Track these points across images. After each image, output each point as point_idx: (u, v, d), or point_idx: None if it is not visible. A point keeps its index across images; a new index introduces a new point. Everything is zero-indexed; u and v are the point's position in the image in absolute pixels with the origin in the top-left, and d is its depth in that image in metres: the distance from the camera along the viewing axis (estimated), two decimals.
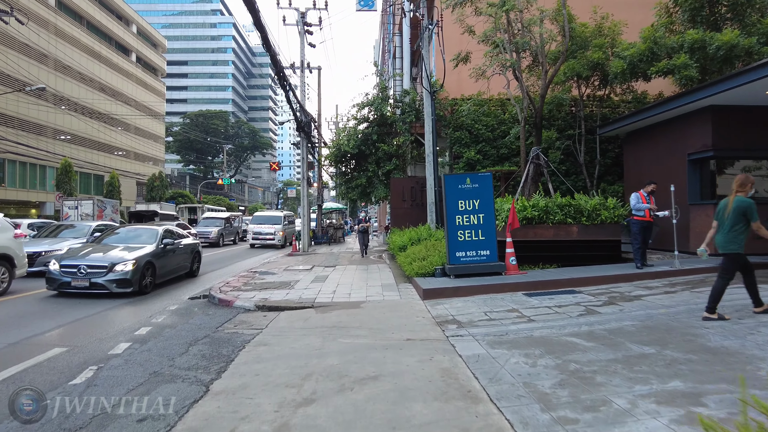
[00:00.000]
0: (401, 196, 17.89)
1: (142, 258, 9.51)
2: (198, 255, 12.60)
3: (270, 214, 26.10)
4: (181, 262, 11.54)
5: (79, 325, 6.95)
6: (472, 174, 9.63)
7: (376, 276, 11.04)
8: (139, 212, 26.22)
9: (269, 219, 25.05)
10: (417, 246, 12.14)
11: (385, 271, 11.84)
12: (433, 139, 15.74)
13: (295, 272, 12.06)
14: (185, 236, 12.39)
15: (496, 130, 18.14)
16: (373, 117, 18.82)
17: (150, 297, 9.36)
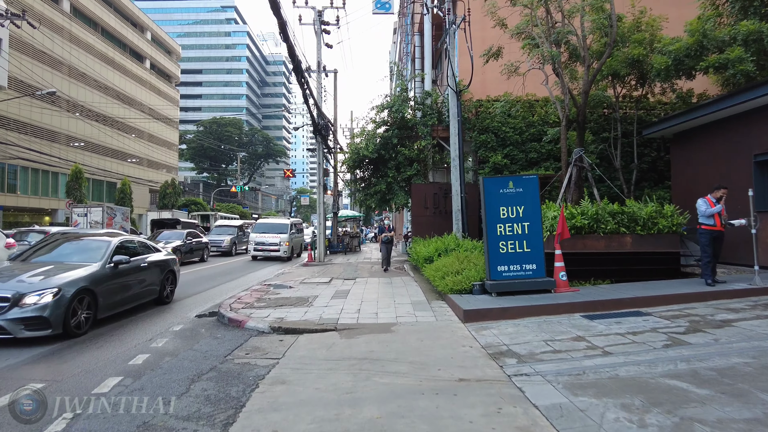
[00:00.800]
0: (423, 203, 16.81)
1: (72, 284, 6.55)
2: (172, 275, 9.58)
3: (275, 222, 22.67)
4: (144, 286, 8.46)
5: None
6: (515, 177, 8.52)
7: (403, 291, 9.94)
8: (162, 220, 26.73)
9: (274, 227, 21.54)
10: (446, 258, 11.03)
11: (412, 286, 10.74)
12: (459, 142, 14.67)
13: (313, 286, 11.02)
14: (154, 250, 9.36)
15: (525, 133, 17.02)
16: (392, 120, 17.80)
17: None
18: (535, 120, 17.16)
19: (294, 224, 23.04)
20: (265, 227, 21.69)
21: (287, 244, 20.53)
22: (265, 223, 22.43)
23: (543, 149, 16.77)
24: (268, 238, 20.45)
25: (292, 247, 21.56)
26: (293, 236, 21.95)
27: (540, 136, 16.87)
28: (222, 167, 72.90)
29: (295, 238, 22.27)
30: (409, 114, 18.50)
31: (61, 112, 35.20)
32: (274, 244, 20.29)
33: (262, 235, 20.81)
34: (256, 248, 20.48)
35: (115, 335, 6.77)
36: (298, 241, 23.03)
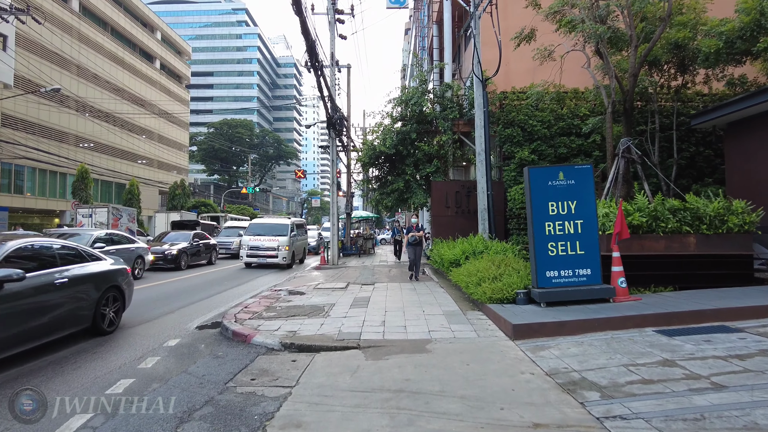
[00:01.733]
0: (444, 202, 15.67)
1: None
2: (118, 293, 6.93)
3: (273, 222, 18.76)
4: (62, 312, 5.71)
5: None
6: (566, 166, 7.34)
7: (430, 299, 8.78)
8: (182, 222, 26.93)
9: (271, 228, 17.79)
10: (476, 261, 9.88)
11: (439, 293, 9.58)
12: (486, 135, 13.51)
13: (328, 292, 9.92)
14: (90, 258, 6.67)
15: (554, 127, 15.78)
16: (411, 114, 16.69)
17: None
18: (565, 113, 15.93)
19: (296, 225, 19.06)
20: (261, 228, 17.86)
21: (287, 249, 16.93)
22: (260, 224, 18.51)
23: (573, 144, 15.55)
24: (264, 241, 16.90)
25: (293, 252, 17.84)
26: (295, 239, 18.16)
27: (570, 130, 15.67)
28: (233, 169, 72.33)
29: (297, 242, 18.60)
30: (428, 108, 17.39)
31: (70, 112, 34.63)
32: (271, 249, 16.73)
33: (256, 237, 17.10)
34: (249, 254, 16.75)
35: (98, 352, 5.72)
36: (300, 245, 19.36)
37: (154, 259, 15.24)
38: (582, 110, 15.78)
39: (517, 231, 14.56)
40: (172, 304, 9.17)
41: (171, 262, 15.58)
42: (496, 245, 11.59)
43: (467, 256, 11.09)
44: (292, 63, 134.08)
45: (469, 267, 9.72)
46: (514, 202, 14.74)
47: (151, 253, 15.51)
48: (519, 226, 14.46)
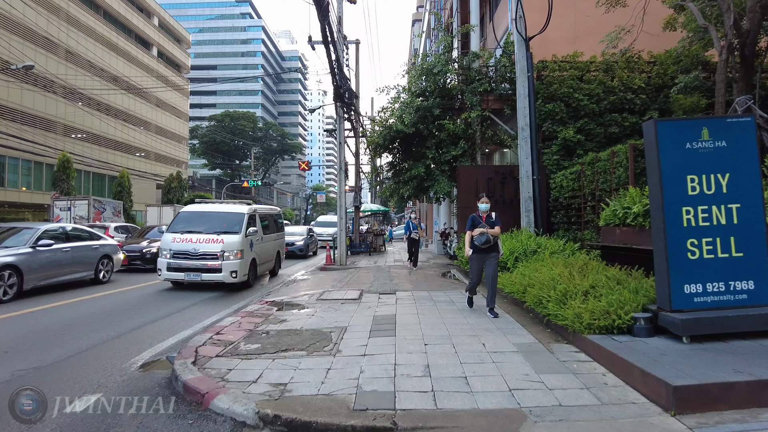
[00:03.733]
0: (473, 191, 13.04)
1: None
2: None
3: (216, 211, 11.08)
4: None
5: None
6: (713, 119, 4.80)
7: (483, 320, 6.22)
8: None
9: (213, 220, 10.50)
10: (535, 264, 7.37)
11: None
12: (531, 105, 10.95)
13: (336, 305, 7.39)
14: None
15: (603, 102, 13.13)
16: (433, 86, 14.10)
17: None
18: (615, 85, 13.27)
19: (258, 216, 11.38)
20: (195, 220, 10.51)
21: (238, 256, 9.73)
22: (194, 213, 10.92)
23: (626, 122, 12.95)
24: (199, 244, 9.71)
25: (253, 261, 10.51)
26: (258, 240, 10.94)
27: (622, 106, 13.07)
28: (235, 163, 69.94)
29: (261, 244, 11.22)
30: (453, 81, 14.82)
31: (57, 98, 32.25)
32: (211, 254, 9.61)
33: (185, 237, 9.88)
34: (171, 265, 9.66)
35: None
36: (269, 249, 11.95)
37: (127, 258, 12.82)
38: (636, 82, 13.15)
39: (565, 225, 11.96)
40: (128, 322, 6.69)
41: (150, 261, 13.11)
42: (552, 243, 9.06)
43: (517, 257, 8.55)
44: (296, 57, 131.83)
45: (525, 272, 7.20)
46: (560, 190, 12.14)
47: (126, 251, 13.09)
48: (568, 220, 11.86)
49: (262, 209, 12.33)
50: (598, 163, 9.98)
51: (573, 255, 8.09)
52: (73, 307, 7.95)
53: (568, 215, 11.77)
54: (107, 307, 7.89)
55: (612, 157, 9.48)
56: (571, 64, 13.59)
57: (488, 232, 6.39)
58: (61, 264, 9.52)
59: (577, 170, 11.25)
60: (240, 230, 10.09)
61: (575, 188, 11.25)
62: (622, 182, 9.04)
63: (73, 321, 6.82)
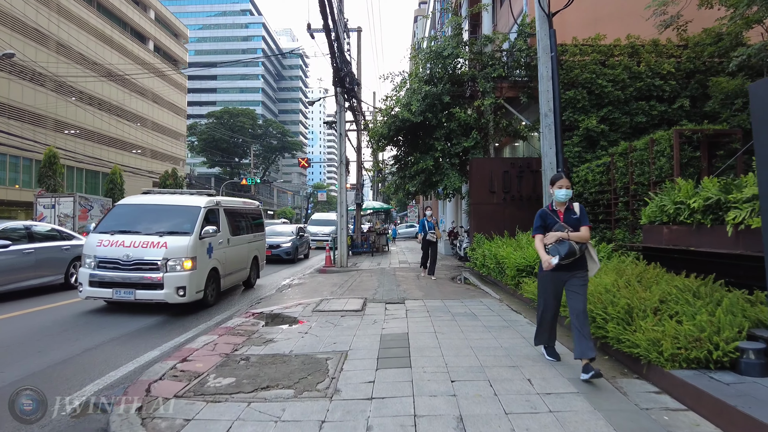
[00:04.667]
0: (487, 186, 11.90)
1: None
2: None
3: (162, 203, 8.17)
4: None
5: None
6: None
7: (519, 341, 5.01)
8: None
9: (157, 217, 7.76)
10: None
11: (523, 325, 5.80)
12: (555, 89, 9.72)
13: (335, 319, 6.19)
14: None
15: (629, 88, 11.92)
16: (442, 72, 12.89)
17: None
18: (642, 70, 12.05)
19: (221, 211, 8.57)
20: (134, 216, 7.88)
21: (187, 265, 7.08)
22: (134, 206, 8.24)
23: (655, 111, 11.78)
24: (133, 249, 7.05)
25: (213, 272, 7.92)
26: (217, 243, 8.12)
27: (650, 93, 11.89)
28: (235, 161, 68.71)
29: (227, 248, 8.58)
30: (464, 66, 13.61)
31: (48, 92, 31.04)
32: (147, 265, 6.96)
33: (116, 239, 7.21)
34: (95, 277, 7.04)
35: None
36: (239, 254, 9.34)
37: None
38: (665, 67, 11.94)
39: (592, 222, 10.73)
40: (87, 338, 5.52)
41: None
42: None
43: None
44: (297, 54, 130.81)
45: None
46: (585, 184, 10.94)
47: None
48: (594, 218, 10.65)
49: (229, 202, 9.51)
50: (633, 153, 8.78)
51: (610, 258, 6.91)
52: (28, 319, 6.77)
53: (594, 213, 10.56)
54: (67, 320, 6.71)
55: (651, 145, 8.28)
56: (593, 48, 12.42)
57: (570, 237, 3.80)
58: (23, 267, 8.34)
59: (605, 162, 10.05)
60: (192, 230, 7.28)
61: (603, 182, 10.07)
62: (664, 174, 7.85)
63: (23, 338, 5.64)
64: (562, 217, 3.95)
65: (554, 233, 3.91)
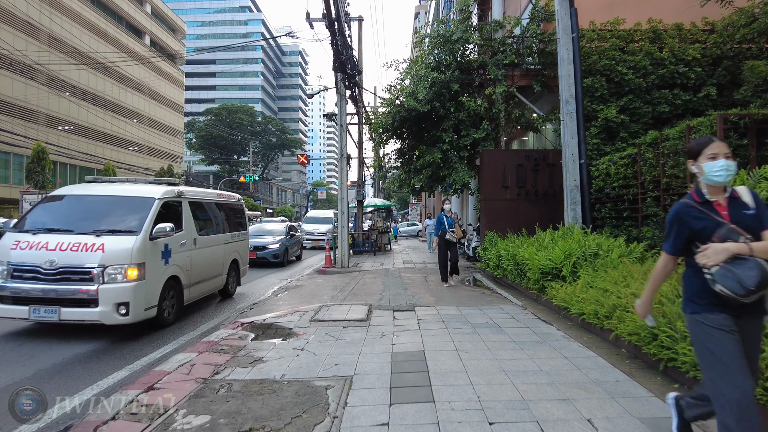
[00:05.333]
0: (500, 180, 11.04)
1: None
2: None
3: (105, 194, 6.43)
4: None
5: None
6: None
7: (559, 364, 4.15)
8: None
9: (96, 211, 6.10)
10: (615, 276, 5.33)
11: (557, 339, 4.93)
12: (577, 73, 8.89)
13: (336, 331, 5.34)
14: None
15: (651, 76, 11.04)
16: (450, 58, 12.01)
17: None
18: (665, 56, 11.17)
19: (186, 204, 6.88)
20: (68, 210, 6.27)
21: (131, 274, 5.46)
22: (70, 197, 6.47)
23: (678, 100, 10.92)
24: (60, 253, 5.36)
25: (172, 281, 6.23)
26: (178, 244, 6.42)
27: (673, 81, 11.02)
28: (233, 158, 67.78)
29: (193, 251, 6.91)
30: (473, 52, 12.74)
31: (39, 86, 30.14)
32: (77, 273, 5.34)
33: (37, 240, 5.52)
34: (5, 290, 5.39)
35: None
36: (213, 258, 7.68)
37: None
38: (690, 53, 11.07)
39: (612, 221, 9.89)
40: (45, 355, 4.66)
41: None
42: (613, 243, 7.01)
43: (575, 262, 6.48)
44: (297, 51, 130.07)
45: (598, 283, 5.18)
46: (606, 178, 10.08)
47: None
48: (617, 214, 9.79)
49: (198, 194, 7.76)
50: (666, 143, 7.90)
51: (643, 260, 6.09)
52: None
53: (617, 209, 9.70)
54: (31, 331, 5.85)
55: (687, 133, 7.40)
56: (612, 33, 11.55)
57: (754, 250, 2.07)
58: None
59: (630, 153, 9.19)
60: (141, 228, 5.64)
61: (628, 176, 9.20)
62: None
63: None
64: (727, 212, 2.23)
65: (721, 245, 2.12)
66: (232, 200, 9.25)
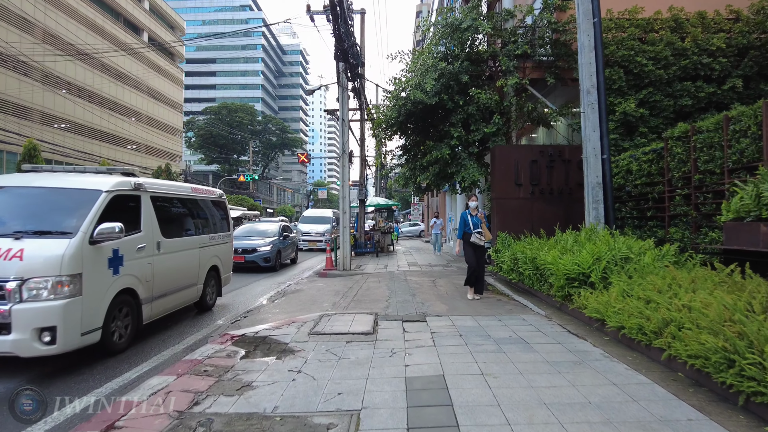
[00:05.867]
0: (513, 178, 10.34)
1: None
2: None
3: (29, 185, 5.14)
4: None
5: None
6: None
7: (610, 394, 3.46)
8: None
9: (23, 206, 4.91)
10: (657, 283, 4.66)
11: (599, 356, 4.25)
12: (599, 59, 8.20)
13: (338, 347, 4.65)
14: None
15: (672, 67, 10.34)
16: (458, 48, 11.33)
17: None
18: (688, 46, 10.48)
19: (146, 200, 5.65)
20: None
21: (63, 291, 4.26)
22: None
23: (702, 93, 10.24)
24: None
25: (123, 296, 5.00)
26: (134, 250, 5.22)
27: (696, 73, 10.34)
28: (233, 157, 67.10)
29: (155, 257, 5.65)
30: (482, 42, 12.06)
31: (33, 83, 29.47)
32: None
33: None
34: None
35: None
36: (184, 266, 6.45)
37: None
38: (714, 42, 10.39)
39: (635, 221, 9.22)
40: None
41: None
42: (644, 245, 6.33)
43: (605, 266, 5.79)
44: (298, 51, 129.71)
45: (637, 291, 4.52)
46: (627, 175, 9.42)
47: None
48: (640, 214, 9.12)
49: (164, 187, 6.29)
50: (699, 136, 7.22)
51: (679, 264, 5.43)
52: None
53: (639, 208, 9.03)
54: None
55: (726, 124, 6.71)
56: (630, 22, 10.87)
57: None
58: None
59: (655, 148, 8.51)
60: (78, 228, 4.51)
61: (652, 172, 8.53)
62: (747, 158, 6.29)
63: None
64: None
65: None
66: (212, 196, 7.87)
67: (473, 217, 7.52)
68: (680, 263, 5.98)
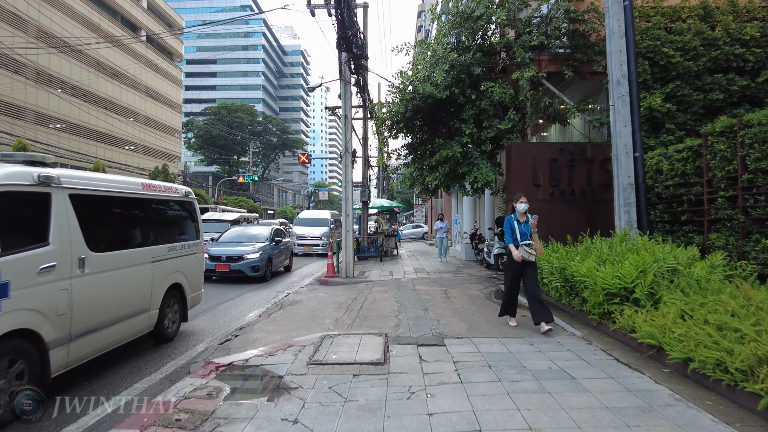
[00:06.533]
0: (531, 178, 9.53)
1: None
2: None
3: None
4: None
5: None
6: None
7: None
8: None
9: None
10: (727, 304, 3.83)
11: (667, 398, 3.42)
12: (630, 46, 7.39)
13: (343, 386, 3.83)
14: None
15: (702, 58, 9.52)
16: (469, 39, 10.53)
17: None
18: (719, 36, 9.66)
19: (45, 197, 3.89)
20: None
21: None
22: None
23: (734, 86, 9.40)
24: None
25: (23, 339, 3.49)
26: (11, 271, 3.41)
27: (728, 64, 9.52)
28: (233, 158, 66.33)
29: (65, 282, 3.96)
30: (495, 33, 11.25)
31: (27, 82, 28.70)
32: None
33: None
34: None
35: None
36: (119, 288, 4.74)
37: None
38: (747, 31, 9.59)
39: (666, 225, 8.39)
40: None
41: None
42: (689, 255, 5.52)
43: (652, 282, 4.97)
44: (298, 51, 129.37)
45: (704, 315, 3.70)
46: (657, 176, 8.59)
47: None
48: (672, 218, 8.29)
49: (96, 183, 4.67)
50: (748, 131, 6.40)
51: (738, 276, 4.62)
52: None
53: (672, 211, 8.20)
54: None
55: None
56: (656, 10, 10.07)
57: None
58: None
59: (691, 145, 7.69)
60: None
61: (687, 172, 7.71)
62: None
63: None
64: None
65: None
66: (175, 195, 6.13)
67: (521, 224, 5.87)
68: (736, 276, 5.18)
